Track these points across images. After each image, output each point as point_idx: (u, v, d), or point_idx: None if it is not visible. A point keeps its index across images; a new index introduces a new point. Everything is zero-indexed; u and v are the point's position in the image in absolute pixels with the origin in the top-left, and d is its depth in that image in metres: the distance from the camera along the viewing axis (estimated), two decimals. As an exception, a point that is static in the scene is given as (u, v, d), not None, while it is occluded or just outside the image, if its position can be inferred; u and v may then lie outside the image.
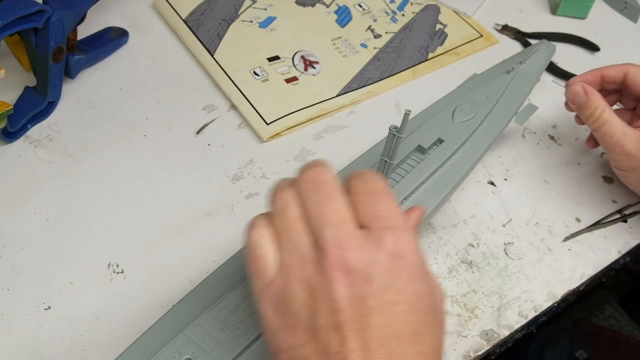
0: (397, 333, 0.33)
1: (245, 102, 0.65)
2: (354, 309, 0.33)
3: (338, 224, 0.34)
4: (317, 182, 0.36)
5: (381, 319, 0.33)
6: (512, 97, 0.61)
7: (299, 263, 0.34)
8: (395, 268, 0.34)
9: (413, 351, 0.34)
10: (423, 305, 0.35)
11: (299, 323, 0.34)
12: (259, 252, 0.36)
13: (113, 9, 0.74)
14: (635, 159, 0.57)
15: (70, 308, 0.50)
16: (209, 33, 0.71)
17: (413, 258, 0.35)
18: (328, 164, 0.37)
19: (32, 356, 0.48)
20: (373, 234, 0.35)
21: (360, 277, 0.33)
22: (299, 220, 0.35)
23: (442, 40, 0.76)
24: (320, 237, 0.34)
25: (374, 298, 0.33)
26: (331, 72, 0.70)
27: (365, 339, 0.33)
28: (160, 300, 0.52)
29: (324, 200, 0.35)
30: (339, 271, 0.33)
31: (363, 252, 0.34)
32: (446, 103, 0.60)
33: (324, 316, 0.33)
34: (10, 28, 0.55)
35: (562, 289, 0.56)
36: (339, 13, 0.77)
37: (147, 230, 0.56)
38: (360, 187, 0.36)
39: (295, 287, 0.34)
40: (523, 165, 0.65)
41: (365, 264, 0.34)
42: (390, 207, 0.36)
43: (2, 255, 0.53)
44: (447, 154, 0.54)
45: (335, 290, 0.33)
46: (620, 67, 0.60)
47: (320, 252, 0.34)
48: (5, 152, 0.60)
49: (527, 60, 0.65)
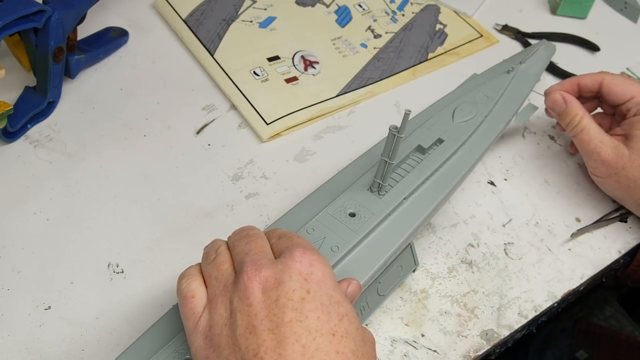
0: (311, 328, 0.35)
1: (245, 102, 0.65)
2: (268, 310, 0.36)
3: (258, 253, 0.39)
4: (247, 234, 0.42)
5: (294, 315, 0.36)
6: (512, 97, 0.61)
7: (222, 290, 0.38)
8: (305, 272, 0.38)
9: (332, 350, 0.35)
10: (336, 312, 0.37)
11: (222, 341, 0.36)
12: (190, 294, 0.39)
13: (113, 9, 0.74)
14: (611, 166, 0.58)
15: (70, 308, 0.50)
16: (209, 33, 0.71)
17: (323, 269, 0.38)
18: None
19: (32, 356, 0.48)
20: (285, 253, 0.39)
21: (272, 282, 0.37)
22: (227, 262, 0.40)
23: (442, 40, 0.76)
24: (242, 263, 0.39)
25: (286, 296, 0.36)
26: (331, 72, 0.70)
27: (280, 336, 0.35)
28: (160, 300, 0.52)
29: (249, 242, 0.41)
30: (255, 280, 0.37)
31: (276, 266, 0.38)
32: (446, 103, 0.60)
33: (243, 324, 0.36)
34: (10, 28, 0.55)
35: (562, 289, 0.56)
36: (339, 13, 0.77)
37: (147, 230, 0.56)
38: (272, 234, 0.42)
39: (219, 309, 0.37)
40: (523, 165, 0.65)
41: (278, 272, 0.37)
42: (301, 240, 0.41)
43: (2, 255, 0.53)
44: (447, 154, 0.54)
45: (250, 296, 0.37)
46: (596, 75, 0.62)
47: (239, 272, 0.38)
48: (5, 152, 0.60)
49: (527, 60, 0.65)
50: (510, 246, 0.58)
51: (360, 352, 0.37)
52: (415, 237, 0.55)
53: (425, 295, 0.54)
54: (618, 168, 0.57)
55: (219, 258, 0.40)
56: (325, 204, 0.49)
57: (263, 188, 0.60)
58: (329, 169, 0.61)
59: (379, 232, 0.48)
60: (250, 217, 0.57)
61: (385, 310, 0.53)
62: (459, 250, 0.57)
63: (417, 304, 0.53)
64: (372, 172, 0.51)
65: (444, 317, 0.53)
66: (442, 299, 0.54)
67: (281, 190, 0.60)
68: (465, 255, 0.57)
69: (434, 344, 0.51)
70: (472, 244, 0.58)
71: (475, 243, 0.58)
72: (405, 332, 0.52)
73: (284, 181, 0.60)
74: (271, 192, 0.59)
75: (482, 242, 0.58)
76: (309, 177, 0.61)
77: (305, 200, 0.50)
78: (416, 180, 0.51)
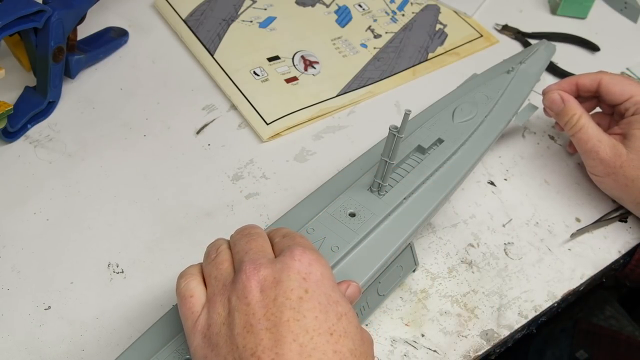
0: (308, 327, 0.35)
1: (245, 102, 0.65)
2: (266, 309, 0.36)
3: (257, 252, 0.39)
4: (248, 233, 0.42)
5: (292, 314, 0.36)
6: (512, 97, 0.61)
7: (221, 289, 0.38)
8: (304, 272, 0.38)
9: (330, 349, 0.35)
10: (335, 311, 0.37)
11: (220, 340, 0.36)
12: (188, 293, 0.39)
13: (113, 9, 0.74)
14: (609, 165, 0.58)
15: (70, 308, 0.50)
16: (209, 33, 0.71)
17: (322, 269, 0.38)
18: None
19: (32, 356, 0.48)
20: (285, 252, 0.39)
21: (271, 281, 0.37)
22: (227, 261, 0.40)
23: (442, 40, 0.76)
24: (241, 262, 0.39)
25: (284, 295, 0.36)
26: (331, 72, 0.70)
27: (278, 335, 0.35)
28: (160, 300, 0.52)
29: (249, 241, 0.41)
30: (253, 280, 0.37)
31: (275, 265, 0.38)
32: (446, 103, 0.60)
33: (240, 323, 0.36)
34: (10, 28, 0.55)
35: (562, 289, 0.56)
36: (339, 13, 0.77)
37: (147, 230, 0.56)
38: (276, 233, 0.42)
39: (218, 308, 0.37)
40: (523, 165, 0.65)
41: (276, 271, 0.37)
42: (303, 240, 0.41)
43: (2, 255, 0.53)
44: (447, 154, 0.54)
45: (248, 295, 0.37)
46: (595, 75, 0.62)
47: (238, 271, 0.38)
48: (5, 152, 0.60)
49: (527, 60, 0.65)
50: (510, 246, 0.58)
51: (359, 352, 0.37)
52: (415, 237, 0.55)
53: (425, 295, 0.54)
54: (616, 167, 0.57)
55: (219, 257, 0.40)
56: (325, 203, 0.49)
57: (263, 188, 0.60)
58: (329, 169, 0.61)
59: (379, 232, 0.48)
60: (250, 217, 0.57)
61: (385, 310, 0.53)
62: (459, 250, 0.57)
63: (417, 304, 0.53)
64: (372, 172, 0.51)
65: (444, 317, 0.53)
66: (442, 299, 0.54)
67: (281, 190, 0.60)
68: (465, 255, 0.57)
69: (434, 344, 0.51)
70: (472, 244, 0.58)
71: (475, 243, 0.58)
72: (405, 332, 0.52)
73: (284, 181, 0.60)
74: (271, 192, 0.59)
75: (482, 242, 0.58)
76: (309, 177, 0.61)
77: (305, 200, 0.50)
78: (416, 180, 0.51)
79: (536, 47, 0.68)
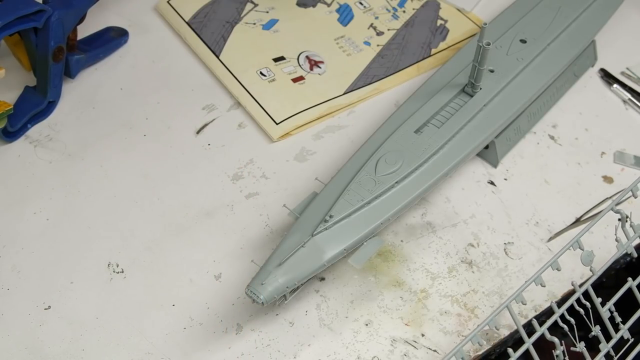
0: None
1: (254, 103, 0.66)
2: None
3: None
4: None
5: None
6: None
7: None
8: None
9: None
10: None
11: None
12: None
13: (113, 9, 0.74)
14: None
15: (70, 308, 0.50)
16: (213, 35, 0.71)
17: None
18: None
19: (32, 356, 0.48)
20: None
21: None
22: None
23: (444, 35, 0.76)
24: None
25: None
26: (336, 70, 0.70)
27: None
28: (160, 300, 0.52)
29: None
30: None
31: None
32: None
33: None
34: (10, 28, 0.55)
35: (562, 289, 0.56)
36: (341, 12, 0.77)
37: (147, 230, 0.56)
38: None
39: None
40: (523, 165, 0.65)
41: None
42: None
43: (2, 255, 0.53)
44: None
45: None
46: None
47: None
48: (5, 152, 0.60)
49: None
50: (510, 246, 0.58)
51: None
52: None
53: (425, 295, 0.54)
54: None
55: None
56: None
57: (263, 188, 0.60)
58: (329, 169, 0.61)
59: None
60: (250, 217, 0.57)
61: (386, 310, 0.53)
62: (459, 250, 0.57)
63: (417, 304, 0.53)
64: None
65: (444, 317, 0.53)
66: (442, 299, 0.54)
67: (281, 190, 0.60)
68: (465, 255, 0.57)
69: (434, 344, 0.51)
70: (472, 243, 0.58)
71: (475, 243, 0.58)
72: (405, 331, 0.52)
73: (284, 181, 0.60)
74: (271, 191, 0.59)
75: (482, 241, 0.58)
76: (309, 177, 0.61)
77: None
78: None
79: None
